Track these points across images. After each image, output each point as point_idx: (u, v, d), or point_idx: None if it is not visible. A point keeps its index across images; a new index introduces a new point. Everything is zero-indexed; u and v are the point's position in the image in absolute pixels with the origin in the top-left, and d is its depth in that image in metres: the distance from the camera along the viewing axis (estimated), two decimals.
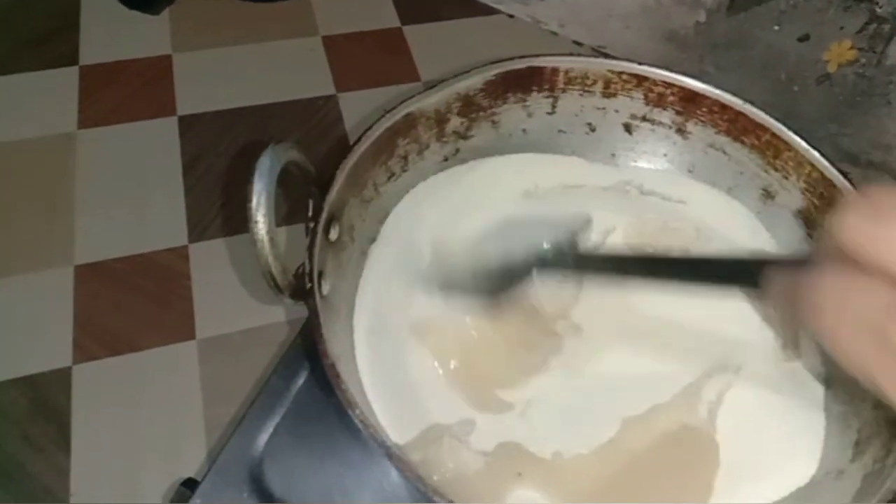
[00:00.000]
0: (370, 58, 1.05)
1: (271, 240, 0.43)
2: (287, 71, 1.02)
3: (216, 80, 1.00)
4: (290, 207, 0.82)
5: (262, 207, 0.42)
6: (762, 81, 0.93)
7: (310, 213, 0.48)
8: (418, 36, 1.07)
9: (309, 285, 0.45)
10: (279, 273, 0.44)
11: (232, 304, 0.80)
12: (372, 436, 0.40)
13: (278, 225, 0.44)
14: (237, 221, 0.87)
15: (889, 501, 0.40)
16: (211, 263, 0.83)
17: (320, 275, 0.46)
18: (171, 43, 1.04)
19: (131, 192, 0.89)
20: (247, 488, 0.51)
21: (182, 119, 0.96)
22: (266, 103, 0.98)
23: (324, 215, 0.48)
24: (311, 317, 0.44)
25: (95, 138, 0.94)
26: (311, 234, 0.47)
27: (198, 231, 0.86)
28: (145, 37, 1.05)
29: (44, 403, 0.73)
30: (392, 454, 0.39)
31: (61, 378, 0.74)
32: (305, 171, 0.48)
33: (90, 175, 0.90)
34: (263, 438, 0.53)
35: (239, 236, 0.86)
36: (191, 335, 0.78)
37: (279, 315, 0.79)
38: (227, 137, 0.94)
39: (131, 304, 0.80)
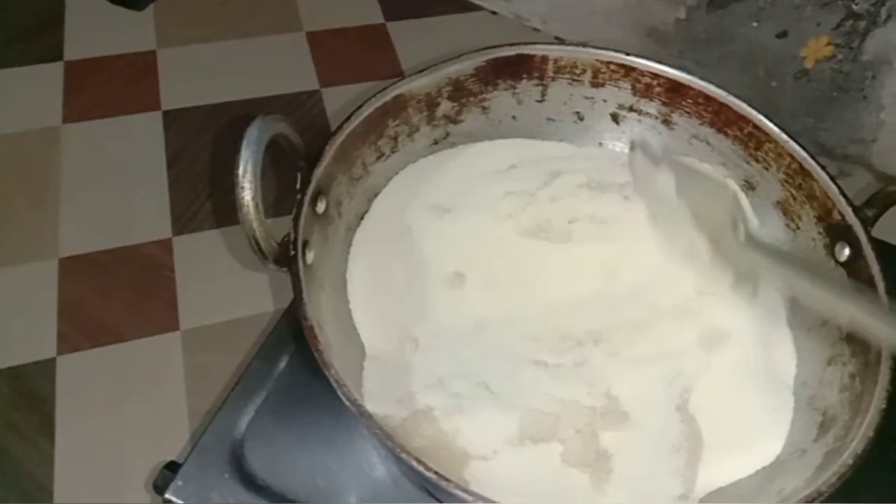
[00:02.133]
0: (354, 53, 1.06)
1: (256, 205, 0.44)
2: (271, 66, 1.03)
3: (200, 76, 1.01)
4: (278, 196, 0.82)
5: (249, 174, 0.43)
6: (741, 77, 0.94)
7: (297, 186, 0.48)
8: (402, 32, 1.08)
9: (293, 252, 0.45)
10: (263, 238, 0.44)
11: (216, 296, 0.81)
12: (345, 395, 0.40)
13: (266, 214, 0.44)
14: (221, 214, 0.87)
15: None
16: (195, 255, 0.84)
17: (305, 244, 0.47)
18: (155, 38, 1.05)
19: (115, 185, 0.89)
20: (228, 469, 0.51)
21: (166, 114, 0.97)
22: (250, 98, 0.99)
23: (311, 188, 0.48)
24: (293, 281, 0.44)
25: (80, 132, 0.94)
26: (298, 204, 0.47)
27: (181, 223, 0.86)
28: (130, 32, 1.05)
29: (28, 393, 0.73)
30: (363, 412, 0.39)
31: (46, 369, 0.75)
32: (294, 144, 0.49)
33: (75, 168, 0.90)
34: (245, 420, 0.53)
35: (223, 229, 0.86)
36: (175, 326, 0.78)
37: (263, 305, 0.80)
38: (211, 132, 0.95)
39: (116, 295, 0.81)
